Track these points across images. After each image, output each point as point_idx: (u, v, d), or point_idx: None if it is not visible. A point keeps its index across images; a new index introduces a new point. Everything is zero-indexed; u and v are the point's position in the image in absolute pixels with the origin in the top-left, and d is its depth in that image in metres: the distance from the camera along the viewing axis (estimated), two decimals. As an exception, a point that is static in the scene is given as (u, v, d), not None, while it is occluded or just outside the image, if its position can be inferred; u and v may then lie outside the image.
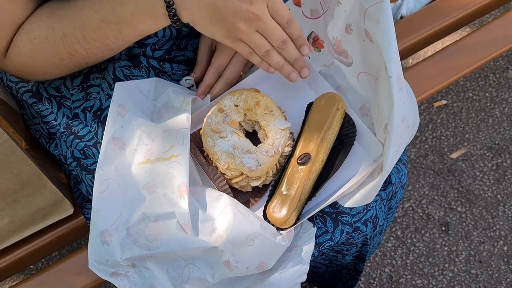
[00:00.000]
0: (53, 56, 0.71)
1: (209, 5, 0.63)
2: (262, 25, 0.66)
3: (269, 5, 0.65)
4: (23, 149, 0.76)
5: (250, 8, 0.63)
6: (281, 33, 0.68)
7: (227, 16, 0.64)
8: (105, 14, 0.66)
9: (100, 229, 0.67)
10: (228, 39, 0.67)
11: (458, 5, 1.13)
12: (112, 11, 0.65)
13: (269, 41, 0.68)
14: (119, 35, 0.68)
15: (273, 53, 0.69)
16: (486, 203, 1.45)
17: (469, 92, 1.63)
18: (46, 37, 0.69)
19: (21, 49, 0.71)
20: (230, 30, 0.65)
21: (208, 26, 0.65)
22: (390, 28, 0.64)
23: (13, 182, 0.83)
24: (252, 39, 0.66)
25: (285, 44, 0.69)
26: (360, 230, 0.76)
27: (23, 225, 0.85)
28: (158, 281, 0.67)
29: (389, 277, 1.37)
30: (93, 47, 0.69)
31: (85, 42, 0.68)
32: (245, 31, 0.65)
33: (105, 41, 0.68)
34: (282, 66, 0.71)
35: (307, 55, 0.72)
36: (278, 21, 0.67)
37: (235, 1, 0.62)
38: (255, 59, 0.70)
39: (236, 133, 0.71)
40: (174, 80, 0.82)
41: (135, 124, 0.72)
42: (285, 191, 0.68)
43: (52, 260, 1.41)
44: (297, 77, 0.73)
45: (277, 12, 0.66)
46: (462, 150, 1.53)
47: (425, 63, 1.08)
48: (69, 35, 0.68)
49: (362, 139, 0.74)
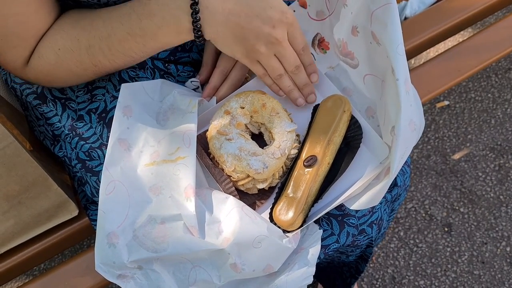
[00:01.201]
0: (76, 67, 0.71)
1: (234, 25, 0.65)
2: (280, 50, 0.69)
3: (289, 31, 0.68)
4: (28, 151, 0.76)
5: (272, 32, 0.66)
6: (296, 59, 0.71)
7: (249, 37, 0.66)
8: (131, 26, 0.67)
9: (106, 231, 0.67)
10: (247, 58, 0.70)
11: (462, 7, 1.13)
12: (139, 23, 0.66)
13: (284, 65, 0.71)
14: (143, 47, 0.69)
15: (285, 78, 0.73)
16: (489, 203, 1.45)
17: (471, 93, 1.63)
18: (71, 48, 0.70)
19: (45, 59, 0.71)
20: (250, 50, 0.68)
21: (229, 45, 0.68)
22: (397, 31, 0.64)
23: (18, 184, 0.83)
24: (269, 62, 0.70)
25: (298, 69, 0.73)
26: (365, 232, 0.76)
27: (28, 226, 0.85)
28: (165, 283, 0.67)
29: (391, 277, 1.37)
30: (117, 58, 0.70)
31: (110, 54, 0.69)
32: (264, 54, 0.68)
33: (129, 53, 0.69)
34: (291, 91, 0.75)
35: (316, 82, 0.76)
36: (295, 47, 0.71)
37: (258, 23, 0.65)
38: (268, 81, 0.74)
39: (243, 135, 0.71)
40: (179, 82, 0.82)
41: (141, 126, 0.72)
42: (291, 193, 0.68)
43: (55, 262, 1.41)
44: (303, 103, 0.76)
45: (295, 38, 0.70)
46: (465, 150, 1.53)
47: (428, 65, 1.09)
48: (94, 46, 0.69)
49: (368, 142, 0.74)
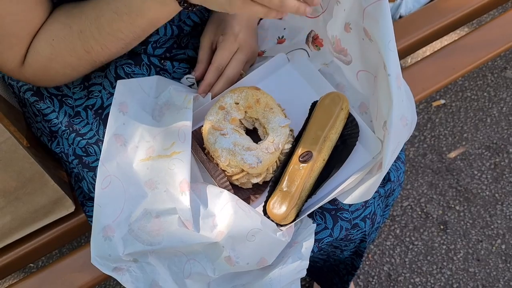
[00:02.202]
0: (70, 55, 0.71)
1: None
2: None
3: None
4: (24, 147, 0.76)
5: None
6: None
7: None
8: (117, 4, 0.66)
9: (102, 224, 0.67)
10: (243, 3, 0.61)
11: (457, 5, 1.13)
12: (124, 1, 0.66)
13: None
14: (131, 26, 0.68)
15: None
16: (484, 202, 1.46)
17: (467, 92, 1.64)
18: (64, 36, 0.70)
19: (40, 53, 0.71)
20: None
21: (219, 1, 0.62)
22: (388, 27, 0.65)
23: (15, 180, 0.84)
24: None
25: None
26: (359, 227, 0.77)
27: (25, 222, 0.86)
28: (160, 276, 0.68)
29: (387, 275, 1.37)
30: (107, 42, 0.70)
31: (101, 38, 0.69)
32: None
33: (119, 34, 0.69)
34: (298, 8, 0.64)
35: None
36: None
37: None
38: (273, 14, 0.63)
39: (237, 131, 0.72)
40: (175, 78, 0.82)
41: (137, 122, 0.72)
42: (285, 188, 0.69)
43: (52, 259, 1.42)
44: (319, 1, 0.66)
45: None
46: (461, 149, 1.54)
47: (424, 63, 1.09)
48: (85, 30, 0.69)
49: (362, 137, 0.75)
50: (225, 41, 0.78)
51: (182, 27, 0.82)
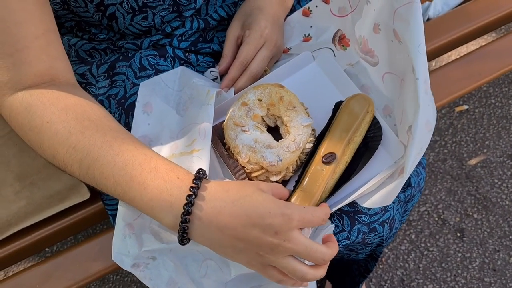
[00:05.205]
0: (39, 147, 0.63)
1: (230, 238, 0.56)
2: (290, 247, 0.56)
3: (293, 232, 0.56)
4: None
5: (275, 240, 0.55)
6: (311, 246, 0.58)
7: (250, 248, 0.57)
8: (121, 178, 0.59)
9: (124, 222, 0.68)
10: (254, 266, 0.60)
11: (487, 10, 1.11)
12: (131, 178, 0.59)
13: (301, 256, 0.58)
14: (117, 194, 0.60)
15: None
16: (503, 211, 1.43)
17: (491, 98, 1.61)
18: (57, 133, 0.61)
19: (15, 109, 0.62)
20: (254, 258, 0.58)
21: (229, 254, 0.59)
22: (419, 29, 0.64)
23: (30, 165, 0.84)
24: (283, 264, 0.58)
25: None
26: (376, 231, 0.76)
27: (40, 207, 0.87)
28: (177, 274, 0.68)
29: (400, 280, 1.36)
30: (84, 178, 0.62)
31: (85, 172, 0.61)
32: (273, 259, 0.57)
33: (101, 186, 0.61)
34: None
35: None
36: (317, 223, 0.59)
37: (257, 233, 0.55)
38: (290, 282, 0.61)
39: (258, 128, 0.71)
40: (199, 72, 0.82)
41: (162, 119, 0.73)
42: (306, 187, 0.68)
43: (67, 245, 1.43)
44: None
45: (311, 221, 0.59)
46: (482, 156, 1.52)
47: (449, 67, 1.07)
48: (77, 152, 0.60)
49: (384, 140, 0.73)
50: (251, 36, 0.78)
51: (208, 21, 0.81)
